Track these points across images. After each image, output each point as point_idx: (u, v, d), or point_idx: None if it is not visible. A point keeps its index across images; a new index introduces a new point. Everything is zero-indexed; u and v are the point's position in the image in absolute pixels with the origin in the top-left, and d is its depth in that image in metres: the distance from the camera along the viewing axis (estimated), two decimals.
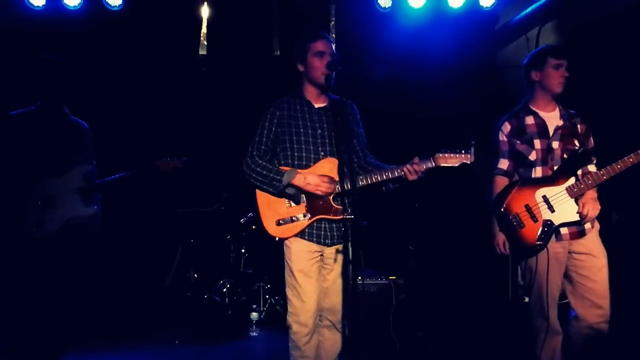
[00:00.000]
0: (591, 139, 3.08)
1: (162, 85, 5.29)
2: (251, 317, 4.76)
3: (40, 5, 4.69)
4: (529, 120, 3.07)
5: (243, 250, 5.13)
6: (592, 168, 3.07)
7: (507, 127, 3.11)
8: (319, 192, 2.77)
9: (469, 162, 2.76)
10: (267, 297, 4.94)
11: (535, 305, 3.03)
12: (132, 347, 4.31)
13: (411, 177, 2.76)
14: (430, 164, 2.76)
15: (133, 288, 5.12)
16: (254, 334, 4.70)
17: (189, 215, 5.24)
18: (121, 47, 5.09)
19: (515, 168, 3.12)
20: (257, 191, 2.87)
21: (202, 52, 5.20)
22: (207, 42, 5.20)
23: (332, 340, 2.90)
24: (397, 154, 2.91)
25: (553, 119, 3.06)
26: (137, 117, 5.26)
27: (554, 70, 3.03)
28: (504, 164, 3.14)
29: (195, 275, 5.12)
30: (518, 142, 3.06)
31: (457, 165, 2.76)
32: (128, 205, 5.19)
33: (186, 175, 5.27)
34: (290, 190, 2.80)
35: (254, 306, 4.88)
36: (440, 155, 2.76)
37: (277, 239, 2.84)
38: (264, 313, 4.88)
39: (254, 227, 4.86)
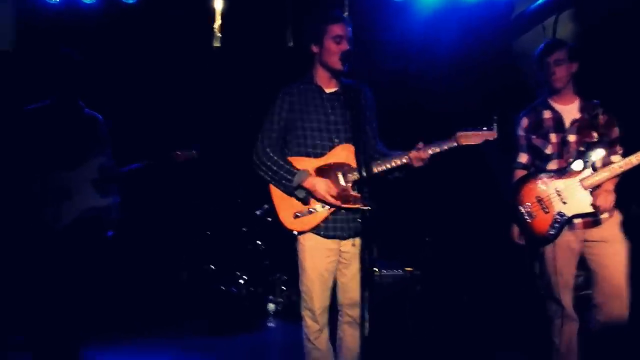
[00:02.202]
0: (615, 129, 3.04)
1: (177, 78, 5.31)
2: (268, 308, 4.80)
3: (57, 0, 4.74)
4: (546, 114, 3.09)
5: (259, 242, 5.15)
6: (615, 159, 3.01)
7: (524, 121, 3.16)
8: (327, 200, 2.67)
9: (492, 139, 2.66)
10: (283, 288, 4.97)
11: (546, 292, 3.08)
12: (150, 338, 4.37)
13: (417, 164, 2.67)
14: (453, 143, 2.66)
15: (151, 280, 5.16)
16: (271, 324, 4.74)
17: (205, 207, 5.28)
18: (136, 40, 5.13)
19: (533, 161, 3.15)
20: (271, 185, 2.76)
21: (216, 44, 5.22)
22: (221, 34, 5.22)
23: (354, 336, 2.80)
24: (410, 145, 2.86)
25: (570, 112, 3.06)
26: (152, 109, 5.29)
27: (550, 67, 3.03)
28: (522, 157, 3.18)
29: (212, 267, 5.15)
30: (534, 136, 3.10)
31: (480, 142, 2.66)
32: (145, 198, 5.24)
33: (202, 168, 5.33)
34: (300, 193, 2.69)
35: (271, 297, 4.91)
36: (462, 133, 2.65)
37: (294, 232, 2.75)
38: (280, 304, 4.91)
39: (270, 219, 4.88)
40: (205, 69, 5.46)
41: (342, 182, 2.72)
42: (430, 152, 2.67)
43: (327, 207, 2.72)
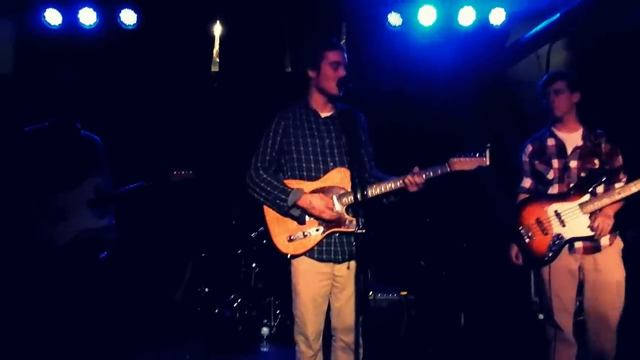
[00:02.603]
0: (618, 158, 3.15)
1: (176, 102, 5.36)
2: (262, 332, 4.74)
3: (57, 24, 4.82)
4: (550, 142, 3.23)
5: (254, 265, 5.12)
6: (618, 186, 3.09)
7: (529, 148, 3.29)
8: (324, 217, 2.67)
9: (484, 165, 2.69)
10: (277, 312, 4.93)
11: (545, 314, 3.16)
12: None
13: (412, 189, 2.68)
14: (445, 169, 2.68)
15: (144, 302, 5.12)
16: (265, 349, 4.68)
17: (200, 229, 5.27)
18: (135, 64, 5.18)
19: (536, 186, 3.26)
20: (265, 207, 2.77)
21: (215, 68, 5.29)
22: (219, 59, 5.28)
23: None
24: (405, 167, 2.87)
25: (573, 139, 3.19)
26: (150, 132, 5.33)
27: (550, 96, 3.19)
28: (526, 182, 3.32)
29: (206, 290, 5.12)
30: (537, 162, 3.22)
31: (473, 169, 2.68)
32: (140, 218, 5.23)
33: (198, 189, 5.34)
34: (295, 212, 2.70)
35: (265, 321, 4.87)
36: (455, 159, 2.68)
37: (289, 256, 2.74)
38: (274, 328, 4.86)
39: (265, 241, 4.87)
40: (204, 93, 5.51)
41: (336, 205, 2.72)
42: (424, 177, 2.68)
43: (321, 230, 2.72)
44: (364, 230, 2.49)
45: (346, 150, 2.80)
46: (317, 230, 2.72)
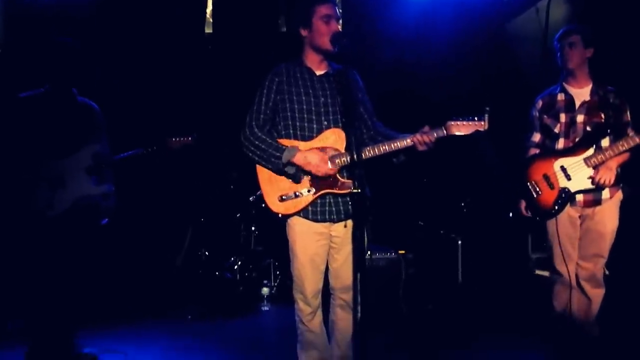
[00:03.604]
0: (627, 113, 3.20)
1: (169, 65, 5.29)
2: (262, 292, 4.82)
3: None
4: (560, 96, 3.30)
5: (253, 228, 5.17)
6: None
7: (539, 103, 3.36)
8: (319, 174, 2.65)
9: (482, 130, 2.64)
10: (277, 272, 5.01)
11: (551, 262, 3.32)
12: (145, 324, 4.39)
13: (421, 148, 2.64)
14: (442, 133, 2.64)
15: (145, 267, 5.18)
16: (266, 308, 4.77)
17: (199, 193, 5.29)
18: (128, 28, 5.10)
19: (544, 141, 3.35)
20: (258, 167, 2.74)
21: (208, 30, 5.20)
22: (212, 20, 5.19)
23: (346, 319, 2.81)
24: (404, 130, 2.84)
25: (582, 94, 3.25)
26: (145, 96, 5.28)
27: (564, 49, 3.23)
28: (535, 137, 3.39)
29: (207, 254, 5.18)
30: (546, 116, 3.30)
31: (470, 133, 2.64)
32: (140, 185, 5.24)
33: (196, 154, 5.33)
34: (290, 170, 2.67)
35: (265, 282, 4.94)
36: (452, 123, 2.63)
37: (280, 215, 2.74)
38: (274, 288, 4.94)
39: (263, 205, 4.87)
40: (198, 56, 5.43)
41: (329, 166, 2.69)
42: (436, 135, 2.63)
43: (313, 191, 2.70)
44: (359, 190, 2.45)
45: (341, 109, 2.75)
46: (309, 191, 2.70)
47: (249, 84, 2.93)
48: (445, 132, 2.65)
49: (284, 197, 2.71)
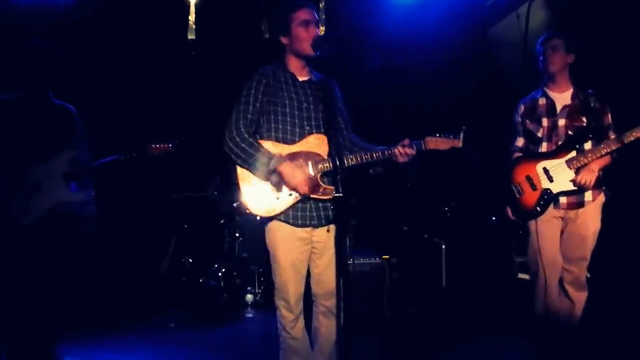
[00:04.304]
0: (608, 116, 3.25)
1: (152, 70, 5.27)
2: (246, 299, 4.80)
3: None
4: (541, 101, 3.35)
5: (237, 234, 5.14)
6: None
7: (521, 108, 3.41)
8: (299, 191, 2.63)
9: (457, 147, 2.72)
10: (261, 279, 4.98)
11: (531, 264, 3.34)
12: (129, 331, 4.34)
13: (401, 159, 2.68)
14: (421, 147, 2.70)
15: (129, 274, 5.13)
16: (250, 315, 4.75)
17: (182, 200, 5.25)
18: (110, 33, 5.06)
19: (527, 145, 3.38)
20: (238, 167, 2.70)
21: (191, 36, 5.18)
22: (195, 26, 5.18)
23: (329, 326, 2.78)
24: (386, 138, 2.87)
25: (563, 99, 3.30)
26: (127, 102, 5.24)
27: (546, 52, 3.27)
28: (519, 141, 3.42)
29: (190, 260, 5.14)
30: (528, 121, 3.34)
31: (446, 149, 2.72)
32: (122, 191, 5.20)
33: (178, 160, 5.29)
34: (274, 178, 2.64)
35: (249, 288, 4.92)
36: (430, 138, 2.70)
37: (258, 217, 2.73)
38: (259, 295, 4.92)
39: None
40: (180, 62, 5.41)
41: (311, 171, 2.69)
42: (415, 149, 2.68)
43: (294, 195, 2.68)
44: (341, 194, 2.47)
45: (323, 116, 2.75)
46: (290, 194, 2.68)
47: (231, 90, 2.91)
48: (423, 146, 2.71)
49: (264, 199, 2.69)
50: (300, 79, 2.81)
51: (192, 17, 5.20)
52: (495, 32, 5.48)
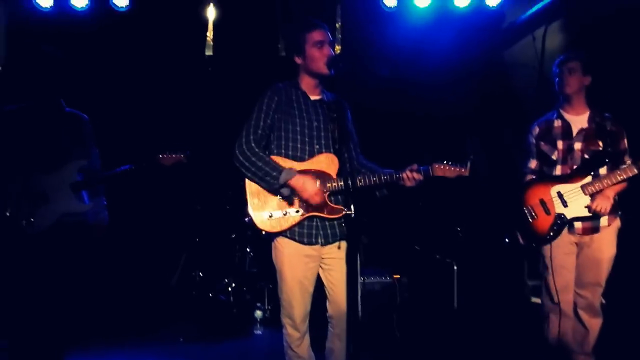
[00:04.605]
0: (624, 141, 3.22)
1: (169, 85, 5.32)
2: (255, 315, 4.77)
3: (48, 7, 4.77)
4: (557, 123, 3.30)
5: (248, 250, 5.14)
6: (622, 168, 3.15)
7: (536, 130, 3.36)
8: (311, 202, 2.65)
9: (464, 176, 2.72)
10: (271, 295, 4.95)
11: (544, 289, 3.27)
12: (137, 344, 4.33)
13: (409, 184, 2.69)
14: (429, 173, 2.71)
15: (139, 286, 5.14)
16: (258, 332, 4.72)
17: (194, 214, 5.27)
18: (128, 47, 5.13)
19: (541, 167, 3.33)
20: (247, 180, 2.73)
21: (209, 52, 5.25)
22: (213, 43, 5.24)
23: (343, 349, 2.74)
24: (400, 153, 2.88)
25: (579, 121, 3.26)
26: (143, 116, 5.30)
27: (563, 74, 3.25)
28: (532, 163, 3.37)
29: (201, 274, 5.13)
30: (543, 143, 3.30)
31: (453, 177, 2.72)
32: (136, 203, 5.24)
33: (192, 174, 5.32)
34: (285, 191, 2.66)
35: (259, 304, 4.89)
36: (438, 165, 2.71)
37: (263, 232, 2.73)
38: (268, 311, 4.89)
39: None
40: (198, 77, 5.47)
41: (319, 189, 2.69)
42: (423, 175, 2.70)
43: (301, 212, 2.69)
44: (352, 213, 2.49)
45: (333, 136, 2.76)
46: (297, 211, 2.69)
47: (247, 107, 2.94)
48: (431, 172, 2.72)
49: (271, 214, 2.70)
50: (312, 97, 2.84)
51: (210, 34, 5.27)
52: (511, 53, 5.48)
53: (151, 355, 4.11)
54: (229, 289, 4.79)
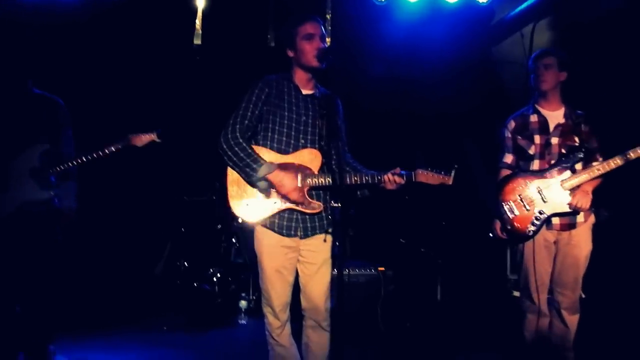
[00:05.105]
0: (595, 139, 3.22)
1: (157, 75, 5.28)
2: (240, 305, 4.78)
3: None
4: (533, 118, 3.30)
5: (234, 240, 5.15)
6: (595, 163, 3.15)
7: (512, 124, 3.35)
8: (289, 197, 2.66)
9: (447, 184, 2.69)
10: (256, 286, 4.97)
11: (523, 288, 3.27)
12: (121, 333, 4.33)
13: (390, 187, 2.69)
14: (411, 178, 2.69)
15: (123, 275, 5.13)
16: (243, 321, 4.73)
17: (180, 204, 5.26)
18: (116, 35, 5.08)
19: (517, 162, 3.32)
20: (229, 168, 2.72)
21: (197, 41, 5.21)
22: (202, 32, 5.20)
23: (318, 341, 2.78)
24: (388, 149, 2.87)
25: (556, 117, 3.26)
26: (131, 106, 5.25)
27: (539, 70, 3.25)
28: (508, 158, 3.35)
29: (186, 264, 5.13)
30: (519, 137, 3.29)
31: (436, 184, 2.69)
32: (121, 192, 5.22)
33: (178, 164, 5.31)
34: (262, 185, 2.67)
35: (243, 294, 4.91)
36: (422, 172, 2.69)
37: (240, 220, 2.74)
38: (252, 302, 4.91)
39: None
40: (186, 66, 5.43)
41: (299, 183, 2.70)
42: (405, 179, 2.69)
43: (279, 204, 2.70)
44: (338, 204, 2.56)
45: (320, 132, 2.77)
46: (275, 203, 2.70)
47: (235, 96, 2.93)
48: (414, 178, 2.70)
49: (248, 203, 2.71)
50: (304, 92, 2.84)
51: (198, 22, 5.23)
52: (499, 50, 5.52)
53: (135, 344, 4.09)
54: (214, 279, 4.80)
